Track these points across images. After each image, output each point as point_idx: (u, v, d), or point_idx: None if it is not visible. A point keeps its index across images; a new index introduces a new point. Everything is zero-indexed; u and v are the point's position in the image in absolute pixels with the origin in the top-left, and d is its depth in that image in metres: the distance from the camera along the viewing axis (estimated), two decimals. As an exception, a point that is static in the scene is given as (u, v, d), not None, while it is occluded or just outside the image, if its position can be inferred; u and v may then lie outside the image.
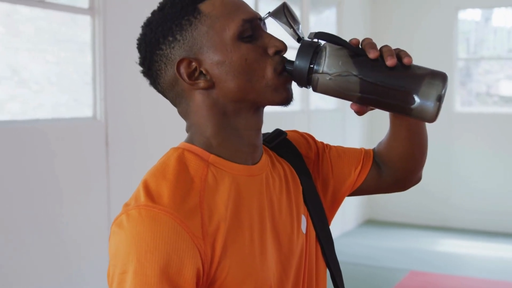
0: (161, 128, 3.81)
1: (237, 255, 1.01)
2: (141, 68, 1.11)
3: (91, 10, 3.57)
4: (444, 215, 7.11)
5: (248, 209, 1.06)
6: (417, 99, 1.01)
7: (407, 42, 6.86)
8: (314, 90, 1.07)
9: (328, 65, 1.04)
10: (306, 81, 1.05)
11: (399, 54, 1.04)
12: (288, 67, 1.07)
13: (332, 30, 6.68)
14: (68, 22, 3.63)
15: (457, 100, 7.18)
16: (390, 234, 6.88)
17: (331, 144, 1.35)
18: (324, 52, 1.04)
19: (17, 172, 3.13)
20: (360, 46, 1.06)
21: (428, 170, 6.24)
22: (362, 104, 1.07)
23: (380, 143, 1.31)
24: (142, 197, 0.98)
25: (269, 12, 1.09)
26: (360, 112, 1.09)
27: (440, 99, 1.01)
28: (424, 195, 7.09)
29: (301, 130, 1.21)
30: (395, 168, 1.28)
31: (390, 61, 1.01)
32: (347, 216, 6.87)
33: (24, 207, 3.17)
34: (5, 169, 3.07)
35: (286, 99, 1.08)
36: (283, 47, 1.07)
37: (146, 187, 1.00)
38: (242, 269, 1.01)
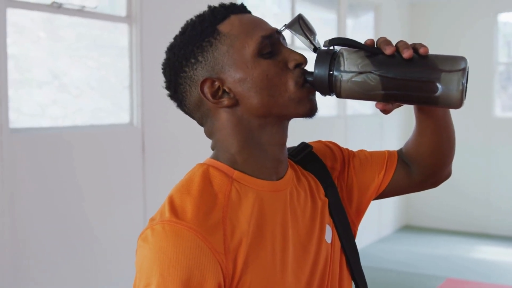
0: (196, 134, 3.83)
1: (259, 270, 1.03)
2: (167, 92, 1.15)
3: (128, 18, 3.64)
4: (483, 221, 7.01)
5: (271, 224, 1.08)
6: (439, 86, 1.01)
7: (446, 46, 6.78)
8: (338, 96, 1.08)
9: (347, 69, 1.05)
10: (328, 88, 1.07)
11: (415, 46, 1.05)
12: (309, 78, 1.08)
13: (369, 34, 6.66)
14: (108, 27, 3.70)
15: (497, 104, 7.07)
16: (428, 240, 6.81)
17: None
18: (341, 57, 1.06)
19: (55, 177, 3.20)
20: (375, 46, 1.07)
21: (468, 175, 6.16)
22: (387, 102, 1.07)
23: (407, 142, 1.32)
24: (167, 213, 1.01)
25: (285, 24, 1.11)
26: (386, 111, 1.10)
27: (462, 82, 1.01)
28: (463, 201, 7.02)
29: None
30: (424, 164, 1.28)
31: (406, 53, 1.02)
32: (384, 221, 6.83)
33: (60, 211, 3.23)
34: (44, 174, 3.14)
35: (310, 110, 1.10)
36: (303, 60, 1.09)
37: (171, 203, 1.03)
38: (263, 283, 1.03)
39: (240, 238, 1.03)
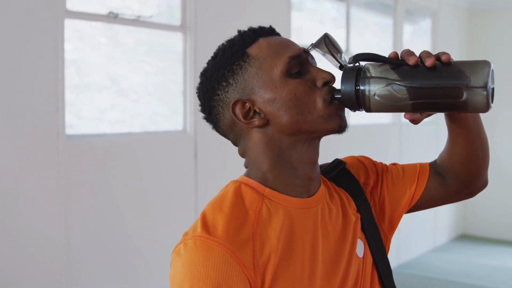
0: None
1: (287, 285, 1.06)
2: (203, 115, 1.20)
3: (182, 28, 3.72)
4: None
5: (301, 241, 1.10)
6: (464, 91, 1.02)
7: (505, 54, 6.66)
8: (368, 110, 1.10)
9: (373, 83, 1.07)
10: (357, 104, 1.09)
11: (437, 54, 1.06)
12: (337, 95, 1.10)
13: (427, 41, 6.58)
14: (166, 33, 3.77)
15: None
16: (484, 250, 6.67)
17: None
18: (367, 72, 1.08)
19: (109, 182, 3.29)
20: (399, 58, 1.08)
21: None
22: (416, 111, 1.09)
23: (441, 153, 1.32)
24: (199, 228, 1.05)
25: (312, 43, 1.14)
26: (415, 121, 1.11)
27: (486, 85, 1.01)
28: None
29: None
30: (459, 174, 1.29)
31: (429, 62, 1.03)
32: (439, 230, 6.73)
33: (113, 217, 3.31)
34: (98, 179, 3.23)
35: (339, 126, 1.12)
36: (331, 78, 1.11)
37: (204, 218, 1.07)
38: None
39: (269, 254, 1.05)
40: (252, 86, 1.11)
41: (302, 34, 5.06)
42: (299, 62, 1.11)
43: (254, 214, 1.08)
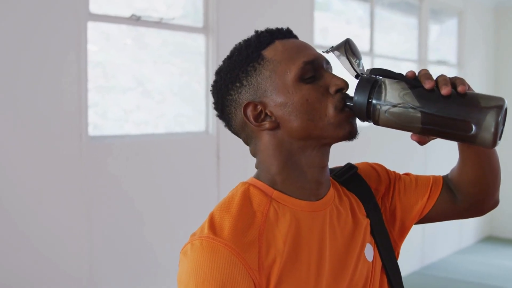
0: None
1: (292, 287, 1.07)
2: (216, 112, 1.21)
3: (205, 29, 3.74)
4: None
5: (307, 244, 1.11)
6: (474, 126, 1.01)
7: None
8: (376, 123, 1.10)
9: (386, 99, 1.06)
10: (366, 115, 1.09)
11: (455, 82, 1.05)
12: (349, 103, 1.10)
13: (454, 40, 6.53)
14: (191, 34, 3.79)
15: None
16: (511, 252, 6.60)
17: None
18: (382, 87, 1.07)
19: (132, 184, 3.32)
20: (417, 77, 1.07)
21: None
22: (423, 135, 1.08)
23: (452, 169, 1.31)
24: (206, 229, 1.06)
25: (332, 46, 1.13)
26: (421, 142, 1.11)
27: (496, 125, 1.00)
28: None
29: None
30: (469, 193, 1.28)
31: (444, 90, 1.02)
32: (465, 232, 6.66)
33: (135, 218, 3.34)
34: (121, 181, 3.26)
35: (349, 133, 1.12)
36: (344, 85, 1.11)
37: (211, 220, 1.08)
38: None
39: (275, 256, 1.06)
40: (265, 89, 1.11)
41: (328, 35, 5.05)
42: (313, 68, 1.11)
43: (261, 216, 1.09)
